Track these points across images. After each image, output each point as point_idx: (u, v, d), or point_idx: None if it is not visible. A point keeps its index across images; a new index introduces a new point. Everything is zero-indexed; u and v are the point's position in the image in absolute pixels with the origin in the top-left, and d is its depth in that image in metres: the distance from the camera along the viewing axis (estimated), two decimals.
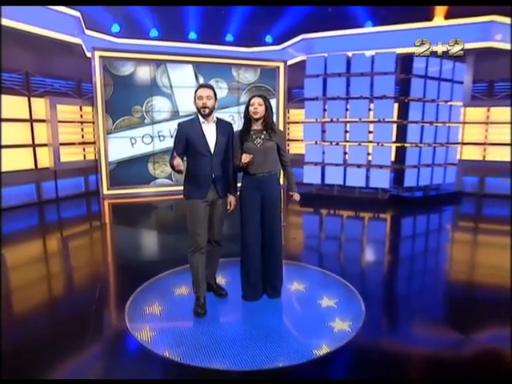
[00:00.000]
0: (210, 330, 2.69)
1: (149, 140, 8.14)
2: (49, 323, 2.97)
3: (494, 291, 3.53)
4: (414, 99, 7.07)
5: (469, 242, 5.55)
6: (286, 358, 2.36)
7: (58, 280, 4.03)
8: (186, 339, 2.58)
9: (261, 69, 8.70)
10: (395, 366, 2.38)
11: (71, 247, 5.25)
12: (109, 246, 5.25)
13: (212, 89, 2.87)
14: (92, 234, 5.97)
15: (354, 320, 2.80)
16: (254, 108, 2.88)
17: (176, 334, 2.65)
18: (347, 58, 7.17)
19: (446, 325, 2.91)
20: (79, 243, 5.40)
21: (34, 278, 3.92)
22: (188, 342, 2.53)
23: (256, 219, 2.99)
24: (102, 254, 4.91)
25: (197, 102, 2.85)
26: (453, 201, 7.91)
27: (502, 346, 2.57)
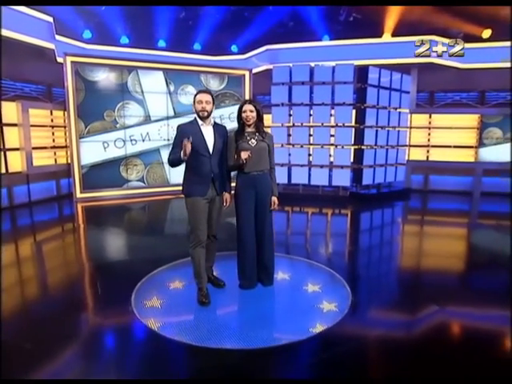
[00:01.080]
0: (212, 316, 3.03)
1: (121, 144, 8.31)
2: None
3: (443, 273, 4.23)
4: (369, 106, 7.92)
5: (417, 232, 6.41)
6: (287, 336, 2.72)
7: (32, 284, 4.01)
8: (192, 325, 2.87)
9: (228, 76, 9.20)
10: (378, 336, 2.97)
11: (48, 250, 5.22)
12: (86, 247, 5.27)
13: (211, 94, 3.19)
14: (68, 236, 6.02)
15: (340, 301, 3.26)
16: (246, 115, 3.24)
17: (181, 321, 2.94)
18: (310, 68, 7.89)
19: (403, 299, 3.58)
20: (55, 246, 5.40)
21: (12, 282, 3.86)
22: (194, 328, 2.83)
23: (251, 214, 3.35)
24: (82, 255, 4.94)
25: (196, 105, 3.13)
26: (403, 197, 8.88)
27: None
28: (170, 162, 3.19)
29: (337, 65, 7.75)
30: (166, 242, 5.48)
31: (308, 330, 2.81)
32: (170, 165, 3.24)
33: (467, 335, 2.94)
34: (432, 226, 6.82)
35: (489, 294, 3.57)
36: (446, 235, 6.05)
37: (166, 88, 8.58)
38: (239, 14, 8.41)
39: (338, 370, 2.43)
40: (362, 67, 7.85)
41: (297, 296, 3.42)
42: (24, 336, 2.77)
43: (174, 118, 8.75)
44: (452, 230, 6.48)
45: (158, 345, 2.68)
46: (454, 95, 9.09)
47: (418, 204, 8.72)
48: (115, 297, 3.43)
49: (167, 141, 8.74)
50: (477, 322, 3.12)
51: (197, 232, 3.19)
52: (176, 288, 3.56)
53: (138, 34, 8.78)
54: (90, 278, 4.04)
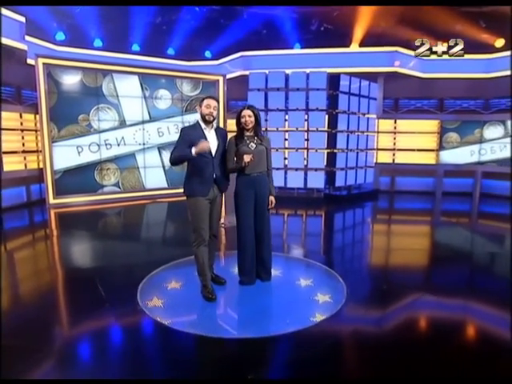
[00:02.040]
0: (217, 310, 3.18)
1: (95, 148, 8.16)
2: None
3: (411, 266, 4.61)
4: (340, 112, 8.34)
5: (386, 230, 6.87)
6: (291, 325, 2.87)
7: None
8: (200, 320, 3.03)
9: (202, 82, 9.31)
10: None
11: (21, 258, 4.99)
12: (60, 254, 5.09)
13: (218, 101, 3.39)
14: (41, 243, 5.81)
15: (333, 292, 3.48)
16: (245, 120, 3.40)
17: (188, 316, 3.09)
18: (285, 75, 8.19)
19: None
20: (28, 254, 5.19)
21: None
22: (203, 322, 2.98)
23: (251, 214, 3.51)
24: (56, 262, 4.80)
25: (203, 109, 3.26)
26: (372, 197, 9.38)
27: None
28: (174, 159, 3.28)
29: (311, 72, 8.10)
30: (142, 248, 5.41)
31: (309, 320, 2.99)
32: (173, 162, 3.33)
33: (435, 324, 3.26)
34: (399, 225, 7.30)
35: (454, 286, 3.92)
36: (411, 232, 6.52)
37: (142, 92, 8.55)
38: (215, 20, 8.55)
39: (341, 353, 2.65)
40: (333, 75, 8.25)
41: (292, 290, 3.61)
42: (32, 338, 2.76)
43: (149, 123, 8.72)
44: (417, 228, 6.96)
45: (172, 337, 2.79)
46: (417, 102, 9.75)
47: (386, 204, 9.24)
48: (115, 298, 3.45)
49: (142, 145, 8.69)
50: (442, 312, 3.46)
51: (200, 231, 3.30)
52: (174, 288, 3.62)
53: (112, 38, 8.69)
54: (70, 285, 3.91)
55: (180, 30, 9.06)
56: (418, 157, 9.81)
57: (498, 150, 9.07)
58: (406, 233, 6.56)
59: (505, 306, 3.29)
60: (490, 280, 4.15)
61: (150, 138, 8.79)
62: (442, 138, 9.60)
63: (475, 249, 5.56)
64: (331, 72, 8.25)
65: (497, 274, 4.44)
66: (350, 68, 8.90)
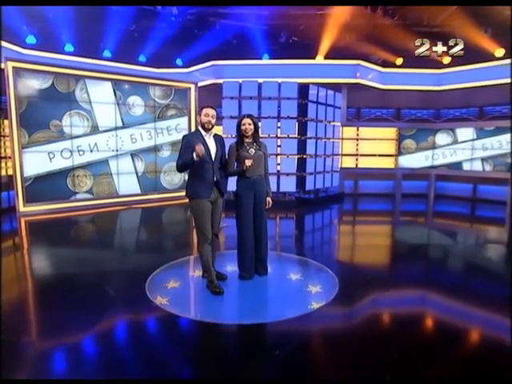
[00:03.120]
0: (223, 302, 3.43)
1: (68, 154, 8.03)
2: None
3: (374, 263, 5.08)
4: (309, 119, 8.86)
5: (352, 229, 7.50)
6: (291, 312, 3.19)
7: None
8: (208, 311, 3.30)
9: (174, 89, 9.45)
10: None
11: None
12: (32, 264, 4.97)
13: (216, 110, 3.64)
14: (11, 252, 5.43)
15: (322, 284, 3.84)
16: (245, 127, 3.72)
17: (198, 309, 3.40)
18: (258, 84, 8.58)
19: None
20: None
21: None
22: (212, 313, 3.25)
23: (250, 213, 3.81)
24: (27, 272, 4.67)
25: (203, 117, 3.52)
26: (338, 200, 9.97)
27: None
28: (181, 166, 3.51)
29: (282, 82, 8.55)
30: (116, 255, 5.36)
31: (307, 307, 3.33)
32: (180, 170, 3.56)
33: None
34: (363, 225, 7.92)
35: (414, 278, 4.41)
36: (375, 231, 7.14)
37: (115, 99, 8.54)
38: (188, 29, 8.77)
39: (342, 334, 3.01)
40: (303, 85, 8.76)
41: (286, 283, 3.93)
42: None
43: (122, 129, 8.72)
44: (380, 227, 7.58)
45: (185, 326, 3.08)
46: (377, 111, 10.55)
47: (351, 206, 9.88)
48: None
49: (116, 152, 8.66)
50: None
51: (203, 231, 3.54)
52: (174, 287, 3.78)
53: (83, 43, 8.62)
54: (41, 297, 3.79)
55: (152, 37, 9.16)
56: (379, 161, 10.59)
57: (448, 155, 10.06)
58: (370, 231, 7.18)
59: (459, 296, 3.75)
60: (445, 272, 4.67)
61: (123, 145, 8.78)
62: (399, 144, 10.46)
63: (431, 244, 6.17)
64: (300, 82, 8.76)
65: (451, 266, 5.01)
66: (316, 79, 9.47)
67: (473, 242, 6.30)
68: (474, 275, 4.59)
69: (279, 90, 8.54)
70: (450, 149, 10.04)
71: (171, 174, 9.66)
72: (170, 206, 9.00)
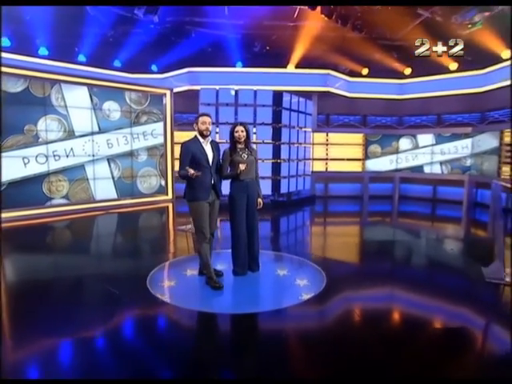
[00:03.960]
0: (222, 295, 3.72)
1: (43, 160, 7.92)
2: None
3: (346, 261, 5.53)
4: (283, 126, 9.27)
5: (323, 229, 8.04)
6: (281, 303, 3.57)
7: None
8: (208, 303, 3.57)
9: (150, 94, 9.55)
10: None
11: None
12: (6, 272, 4.76)
13: (211, 117, 3.92)
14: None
15: (308, 277, 4.17)
16: (238, 134, 4.01)
17: (198, 302, 3.61)
18: (235, 91, 8.88)
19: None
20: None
21: None
22: (212, 304, 3.55)
23: (244, 214, 4.09)
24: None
25: (200, 125, 3.78)
26: (310, 202, 10.45)
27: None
28: (182, 176, 3.76)
29: (258, 90, 8.91)
30: (93, 261, 5.33)
31: (298, 298, 3.65)
32: (182, 178, 3.81)
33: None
34: (335, 225, 8.44)
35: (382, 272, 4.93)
36: (346, 231, 7.64)
37: (91, 103, 8.53)
38: (165, 36, 8.94)
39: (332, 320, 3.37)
40: (277, 92, 9.16)
41: (276, 278, 4.24)
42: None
43: (98, 134, 8.71)
44: (349, 227, 8.13)
45: (187, 316, 3.37)
46: (344, 118, 11.16)
47: (322, 208, 10.38)
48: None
49: (92, 157, 8.64)
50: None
51: (202, 230, 3.79)
52: (170, 286, 3.99)
53: (58, 47, 8.55)
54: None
55: (128, 43, 9.22)
56: (347, 165, 11.20)
57: (410, 159, 10.84)
58: (342, 231, 7.70)
59: (423, 291, 4.08)
60: (410, 266, 5.21)
61: (99, 150, 8.76)
62: (366, 149, 11.13)
63: (397, 241, 6.67)
64: (274, 90, 9.16)
65: (414, 261, 5.52)
66: (289, 87, 9.91)
67: (434, 239, 6.91)
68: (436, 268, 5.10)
69: (255, 98, 8.89)
70: (411, 153, 10.82)
71: (147, 178, 9.72)
72: (146, 211, 9.07)
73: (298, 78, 10.09)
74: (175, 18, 8.18)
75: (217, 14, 8.32)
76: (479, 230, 8.10)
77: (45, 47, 8.50)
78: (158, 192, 9.97)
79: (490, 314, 3.48)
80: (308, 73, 10.12)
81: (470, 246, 6.41)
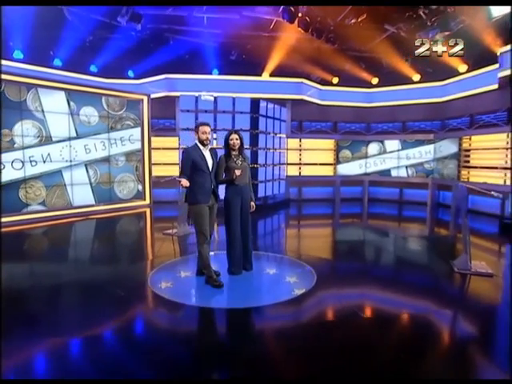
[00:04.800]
0: (221, 292, 3.96)
1: (19, 165, 7.76)
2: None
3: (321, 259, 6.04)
4: (260, 132, 9.60)
5: (298, 231, 8.44)
6: (277, 298, 3.79)
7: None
8: (209, 300, 3.82)
9: (127, 100, 9.57)
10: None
11: None
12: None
13: (210, 126, 4.16)
14: None
15: (297, 275, 4.48)
16: (233, 142, 4.27)
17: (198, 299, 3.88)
18: (214, 98, 9.12)
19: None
20: None
21: None
22: (213, 301, 3.80)
23: (239, 216, 4.35)
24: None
25: (200, 135, 4.03)
26: (284, 206, 10.83)
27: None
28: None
29: (237, 97, 9.20)
30: (70, 268, 5.29)
31: (291, 293, 3.94)
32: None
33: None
34: (310, 227, 8.82)
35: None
36: (321, 233, 8.03)
37: (68, 109, 8.45)
38: (143, 43, 9.02)
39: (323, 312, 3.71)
40: (254, 99, 9.49)
41: (267, 277, 4.53)
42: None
43: (76, 139, 8.64)
44: (324, 229, 8.58)
45: (188, 311, 3.62)
46: (316, 124, 11.66)
47: (296, 211, 10.78)
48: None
49: (69, 162, 8.54)
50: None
51: (204, 232, 4.03)
52: (167, 286, 4.13)
53: (34, 50, 8.41)
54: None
55: (106, 48, 9.21)
56: (320, 170, 11.70)
57: (378, 163, 11.51)
58: (317, 232, 8.11)
59: (391, 288, 4.41)
60: (380, 264, 5.65)
61: (77, 155, 8.68)
62: (338, 154, 11.69)
63: (367, 242, 7.17)
64: (251, 97, 9.48)
65: (388, 258, 5.98)
66: (264, 94, 10.26)
67: (402, 237, 7.42)
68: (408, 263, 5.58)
69: (233, 105, 9.17)
70: (380, 158, 11.50)
71: (125, 184, 9.70)
72: (124, 217, 9.06)
73: (273, 85, 10.48)
74: (155, 26, 8.29)
75: (196, 23, 8.53)
76: (442, 228, 8.82)
77: (19, 50, 8.32)
78: (136, 197, 9.97)
79: (459, 299, 4.03)
80: (283, 81, 10.54)
81: (437, 242, 7.04)
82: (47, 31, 8.13)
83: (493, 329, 3.47)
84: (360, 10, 7.41)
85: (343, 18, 7.89)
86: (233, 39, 9.45)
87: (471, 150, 9.48)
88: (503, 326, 3.45)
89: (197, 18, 8.32)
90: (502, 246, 6.76)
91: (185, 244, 6.43)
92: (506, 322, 3.46)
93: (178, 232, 6.71)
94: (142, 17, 7.16)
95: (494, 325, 3.56)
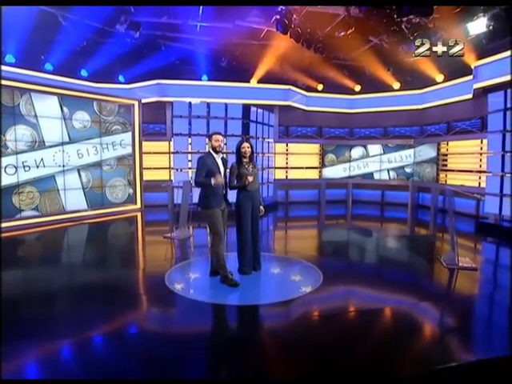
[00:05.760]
0: (235, 290, 4.24)
1: (12, 171, 7.71)
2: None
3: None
4: (251, 137, 9.89)
5: (285, 233, 8.80)
6: (289, 295, 4.08)
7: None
8: (225, 298, 4.08)
9: (118, 105, 9.63)
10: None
11: None
12: None
13: (222, 135, 4.48)
14: None
15: (301, 273, 4.81)
16: (245, 150, 4.57)
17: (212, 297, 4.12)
18: (207, 104, 9.34)
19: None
20: None
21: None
22: (228, 298, 4.08)
23: (249, 220, 4.64)
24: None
25: (214, 143, 4.34)
26: (273, 208, 11.14)
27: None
28: (200, 184, 4.25)
29: (228, 104, 9.48)
30: (65, 274, 5.27)
31: (299, 291, 4.25)
32: (197, 185, 4.30)
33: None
34: (293, 229, 9.20)
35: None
36: (304, 235, 8.36)
37: (61, 113, 8.44)
38: (136, 48, 9.12)
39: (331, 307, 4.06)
40: (245, 106, 9.79)
41: (274, 276, 4.81)
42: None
43: (68, 144, 8.64)
44: (308, 231, 8.90)
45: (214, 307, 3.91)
46: (302, 129, 12.07)
47: (284, 213, 11.15)
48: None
49: (62, 167, 8.53)
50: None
51: (218, 233, 4.30)
52: (180, 288, 4.31)
53: (25, 54, 8.36)
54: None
55: (98, 53, 9.24)
56: (306, 173, 12.13)
57: (362, 166, 12.05)
58: (300, 234, 8.45)
59: (376, 286, 4.73)
60: (365, 263, 6.05)
61: (69, 160, 8.68)
62: (323, 158, 12.15)
63: (351, 242, 7.61)
64: (243, 103, 9.77)
65: (368, 260, 6.34)
66: (253, 100, 10.59)
67: (383, 238, 7.92)
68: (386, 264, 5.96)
69: (226, 111, 9.44)
70: (363, 162, 12.04)
71: (116, 188, 9.75)
72: (116, 221, 9.10)
73: (262, 92, 10.83)
74: (148, 32, 8.42)
75: (189, 31, 8.73)
76: (422, 227, 9.43)
77: (11, 54, 8.24)
78: (127, 201, 10.03)
79: (448, 290, 4.57)
80: (271, 88, 10.90)
81: (422, 241, 7.65)
82: (39, 35, 8.11)
83: (483, 310, 4.09)
84: (349, 23, 7.84)
85: (331, 29, 8.30)
86: (224, 46, 9.70)
87: (448, 155, 10.17)
88: (491, 309, 4.06)
89: (190, 26, 8.52)
90: (478, 244, 7.40)
91: (188, 247, 6.65)
92: (492, 304, 4.09)
93: (179, 235, 6.90)
94: (141, 25, 7.30)
95: (482, 308, 4.18)
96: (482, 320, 3.87)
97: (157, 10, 7.81)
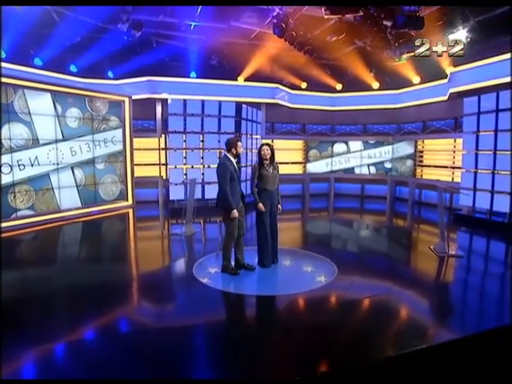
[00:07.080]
0: (258, 282, 4.70)
1: (7, 169, 7.56)
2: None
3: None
4: (242, 134, 10.20)
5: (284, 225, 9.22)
6: (307, 286, 4.50)
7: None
8: (248, 288, 4.54)
9: (109, 101, 9.57)
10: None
11: None
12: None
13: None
14: None
15: (312, 264, 5.28)
16: (265, 153, 4.97)
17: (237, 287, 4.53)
18: (202, 103, 9.53)
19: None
20: None
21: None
22: (251, 288, 4.55)
23: (268, 217, 5.05)
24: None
25: (239, 149, 4.79)
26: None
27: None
28: (226, 198, 4.65)
29: (222, 102, 9.72)
30: (62, 273, 5.34)
31: (315, 282, 4.69)
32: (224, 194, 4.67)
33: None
34: (281, 222, 9.48)
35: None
36: (291, 226, 8.86)
37: (54, 111, 8.32)
38: (130, 46, 9.08)
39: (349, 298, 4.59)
40: (237, 104, 10.05)
41: (289, 268, 5.24)
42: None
43: (62, 142, 8.54)
44: (294, 223, 9.42)
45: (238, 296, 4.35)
46: (287, 126, 12.52)
47: None
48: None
49: (56, 165, 8.45)
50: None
51: (233, 235, 4.78)
52: (207, 282, 4.66)
53: (14, 49, 8.13)
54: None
55: (89, 49, 9.11)
56: (291, 168, 12.62)
57: (343, 162, 12.71)
58: (289, 226, 8.80)
59: (363, 274, 5.26)
60: (347, 254, 6.61)
61: (63, 158, 8.60)
62: (307, 154, 12.69)
63: (334, 233, 8.30)
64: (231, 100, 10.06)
65: (350, 249, 7.04)
66: (242, 98, 10.87)
67: (364, 228, 8.64)
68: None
69: (219, 109, 9.67)
70: (344, 157, 12.70)
71: (109, 185, 9.74)
72: (109, 218, 9.14)
73: (250, 90, 11.13)
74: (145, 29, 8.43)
75: (183, 29, 8.83)
76: (400, 218, 10.24)
77: (2, 49, 7.99)
78: (119, 198, 10.05)
79: (439, 274, 5.30)
80: (260, 86, 11.23)
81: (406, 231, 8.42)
82: (30, 29, 7.94)
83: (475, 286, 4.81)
84: (341, 29, 8.31)
85: (323, 34, 8.73)
86: (215, 45, 9.88)
87: (424, 151, 11.02)
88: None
89: (185, 25, 8.64)
90: (454, 233, 8.21)
91: (199, 243, 7.04)
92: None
93: (187, 232, 7.15)
94: (143, 25, 7.35)
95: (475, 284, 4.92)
96: (481, 293, 4.66)
97: (155, 8, 7.86)
